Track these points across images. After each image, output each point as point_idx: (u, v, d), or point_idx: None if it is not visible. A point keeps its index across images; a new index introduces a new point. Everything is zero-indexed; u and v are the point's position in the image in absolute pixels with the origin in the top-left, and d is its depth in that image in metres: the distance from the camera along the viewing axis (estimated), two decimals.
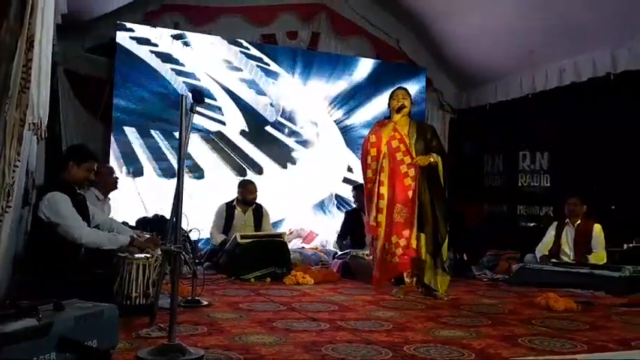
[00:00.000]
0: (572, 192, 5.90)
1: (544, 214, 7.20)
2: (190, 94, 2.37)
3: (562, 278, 5.07)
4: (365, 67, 7.76)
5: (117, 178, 4.88)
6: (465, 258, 6.20)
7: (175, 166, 5.99)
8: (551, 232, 5.87)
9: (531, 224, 7.27)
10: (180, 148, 2.32)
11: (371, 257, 4.78)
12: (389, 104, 4.59)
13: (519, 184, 7.48)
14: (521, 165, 7.46)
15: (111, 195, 4.97)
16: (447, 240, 4.36)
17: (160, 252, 3.27)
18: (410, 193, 4.28)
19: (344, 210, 7.29)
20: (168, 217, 4.18)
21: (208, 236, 5.84)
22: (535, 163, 7.38)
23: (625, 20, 5.72)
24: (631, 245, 5.73)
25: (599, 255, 5.46)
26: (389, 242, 4.27)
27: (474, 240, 6.73)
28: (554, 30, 6.33)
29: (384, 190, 4.31)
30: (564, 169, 6.96)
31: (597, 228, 5.59)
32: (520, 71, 7.34)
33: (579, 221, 5.69)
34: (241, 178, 6.40)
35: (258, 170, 7.07)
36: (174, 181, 2.46)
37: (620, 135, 6.02)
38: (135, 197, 6.24)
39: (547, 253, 5.71)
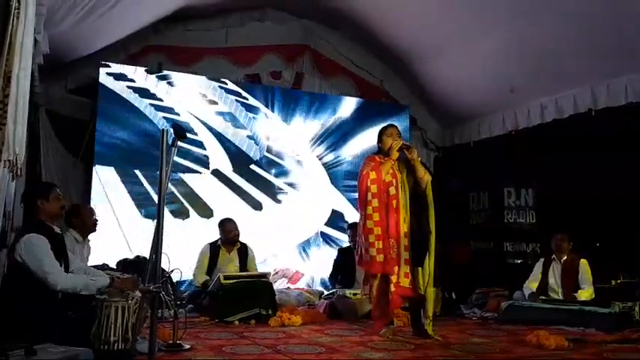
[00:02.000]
0: (558, 228, 5.90)
1: (531, 250, 7.18)
2: (172, 130, 2.32)
3: (552, 315, 5.02)
4: (349, 105, 7.81)
5: (96, 220, 4.76)
6: (454, 296, 6.13)
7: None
8: (538, 269, 5.84)
9: (518, 261, 7.23)
10: (160, 184, 2.25)
11: (366, 296, 4.70)
12: (381, 140, 4.57)
13: (505, 221, 7.47)
14: (507, 201, 7.47)
15: (91, 236, 4.84)
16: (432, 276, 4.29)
17: (139, 294, 3.16)
18: (400, 228, 4.25)
19: (332, 247, 7.23)
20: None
21: (191, 277, 5.70)
22: (520, 199, 7.39)
23: (603, 57, 5.83)
24: (619, 281, 5.70)
25: (587, 291, 5.41)
26: (386, 280, 4.21)
27: (462, 278, 6.66)
28: (535, 68, 6.43)
29: (378, 226, 4.26)
30: (549, 205, 6.98)
31: (583, 263, 5.58)
32: (502, 109, 7.43)
33: (565, 257, 5.68)
34: (221, 218, 6.27)
35: (256, 207, 7.00)
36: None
37: (602, 170, 6.07)
38: (116, 239, 6.09)
39: (535, 290, 5.66)
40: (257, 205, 7.09)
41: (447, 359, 3.33)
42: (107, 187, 6.28)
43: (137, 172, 6.45)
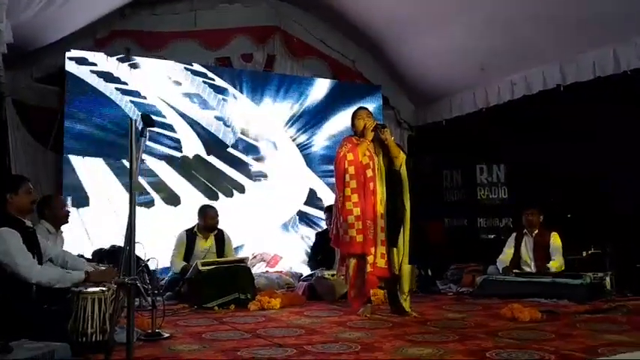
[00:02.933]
0: (529, 202, 6.01)
1: (504, 226, 7.31)
2: (141, 118, 2.29)
3: (525, 288, 5.13)
4: (321, 87, 7.78)
5: (68, 211, 4.67)
6: (430, 273, 6.22)
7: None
8: (510, 243, 5.95)
9: (492, 236, 7.36)
10: (130, 174, 2.23)
11: (341, 277, 4.74)
12: (353, 124, 4.60)
13: (478, 197, 7.57)
14: (479, 178, 7.57)
15: (65, 227, 4.77)
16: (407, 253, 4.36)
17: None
18: (377, 209, 4.29)
19: (310, 229, 7.27)
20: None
21: (168, 265, 5.67)
22: (492, 175, 7.50)
23: (571, 33, 5.90)
24: (589, 252, 5.84)
25: (557, 262, 5.55)
26: (364, 260, 4.25)
27: (437, 255, 6.75)
28: (504, 45, 6.49)
29: (357, 207, 4.29)
30: (520, 181, 7.10)
31: (554, 236, 5.70)
32: (473, 86, 7.50)
33: (537, 231, 5.80)
34: (201, 204, 6.23)
35: (214, 196, 6.93)
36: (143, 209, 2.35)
37: (571, 145, 6.18)
38: (89, 229, 6.02)
39: (509, 264, 5.77)
40: (232, 190, 7.06)
41: (424, 336, 3.38)
42: (79, 177, 6.19)
43: (103, 160, 6.35)
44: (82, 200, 6.19)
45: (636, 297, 4.87)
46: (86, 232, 6.05)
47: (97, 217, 6.18)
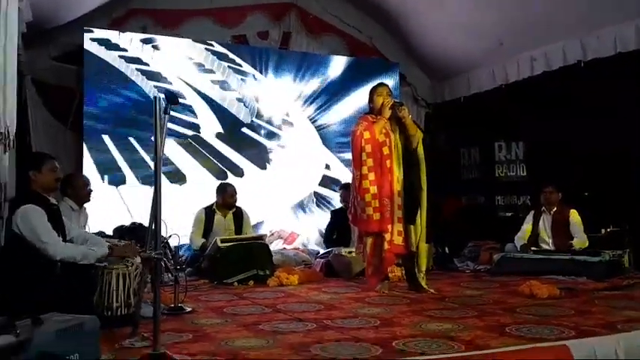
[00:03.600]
0: (548, 180, 5.97)
1: (522, 203, 7.27)
2: (164, 96, 2.31)
3: (543, 266, 5.13)
4: (338, 64, 7.74)
5: (91, 190, 4.73)
6: (447, 251, 6.23)
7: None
8: (528, 221, 5.94)
9: (509, 214, 7.33)
10: (156, 152, 2.26)
11: (359, 254, 4.78)
12: (372, 100, 4.57)
13: (496, 175, 7.52)
14: (498, 156, 7.50)
15: (88, 204, 4.85)
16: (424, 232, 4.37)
17: (139, 260, 3.19)
18: (394, 187, 4.30)
19: (325, 209, 7.29)
20: (146, 224, 4.11)
21: (188, 242, 5.75)
22: (511, 153, 7.44)
23: (592, 7, 5.80)
24: (608, 230, 5.81)
25: (581, 240, 5.52)
26: (381, 238, 4.27)
27: (454, 232, 6.76)
28: (523, 20, 6.38)
29: (374, 185, 4.31)
30: (539, 158, 7.04)
31: (574, 214, 5.67)
32: (492, 63, 7.40)
33: (555, 208, 5.77)
34: (220, 182, 6.29)
35: (239, 173, 6.99)
36: (152, 187, 2.38)
37: (591, 122, 6.10)
38: (113, 206, 6.11)
39: (526, 242, 5.76)
40: (250, 168, 7.09)
41: (443, 312, 3.41)
42: (99, 155, 6.26)
43: (130, 139, 6.43)
44: (111, 178, 6.31)
45: None
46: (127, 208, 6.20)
47: (126, 193, 6.29)
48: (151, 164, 6.33)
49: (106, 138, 6.33)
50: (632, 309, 3.36)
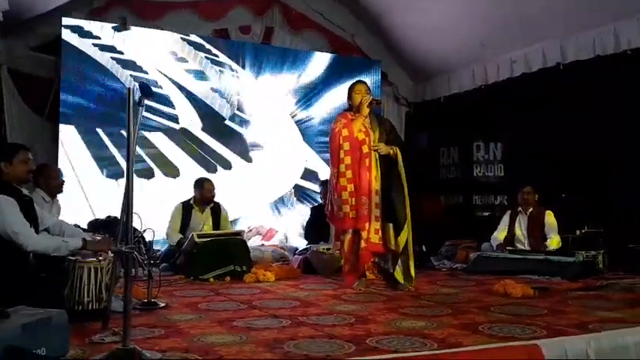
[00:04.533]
0: (525, 180, 6.02)
1: (499, 203, 7.35)
2: (139, 87, 2.28)
3: (518, 265, 5.18)
4: (320, 61, 7.73)
5: (63, 181, 4.66)
6: (424, 249, 6.26)
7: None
8: (505, 221, 6.00)
9: (486, 213, 7.40)
10: (128, 144, 2.22)
11: (336, 252, 4.77)
12: (350, 97, 4.56)
13: (474, 175, 7.58)
14: (476, 156, 7.57)
15: (61, 197, 4.77)
16: (407, 230, 4.37)
17: (112, 254, 3.15)
18: (372, 186, 4.29)
19: (306, 203, 7.29)
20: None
21: (165, 237, 5.70)
22: (489, 153, 7.50)
23: (571, 10, 5.86)
24: (583, 231, 5.88)
25: (554, 240, 5.58)
26: (358, 236, 4.26)
27: (432, 231, 6.79)
28: (504, 22, 6.44)
29: (351, 183, 4.30)
30: (517, 159, 7.11)
31: (549, 215, 5.74)
32: (473, 63, 7.45)
33: (531, 209, 5.84)
34: (198, 177, 6.22)
35: (215, 168, 6.94)
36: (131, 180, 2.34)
37: (569, 124, 6.17)
38: (89, 198, 6.02)
39: (502, 242, 5.82)
40: (228, 164, 7.05)
41: (418, 309, 3.42)
42: (74, 147, 6.17)
43: (100, 130, 6.34)
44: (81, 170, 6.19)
45: (628, 275, 4.92)
46: (87, 199, 6.11)
47: (94, 186, 6.19)
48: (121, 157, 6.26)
49: (80, 129, 6.23)
50: (605, 309, 3.41)
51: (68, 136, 6.17)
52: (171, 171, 6.71)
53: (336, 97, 7.57)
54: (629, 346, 2.55)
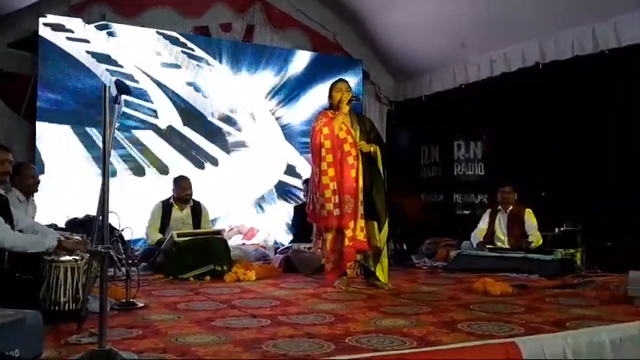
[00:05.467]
0: (505, 179, 6.08)
1: (479, 202, 7.40)
2: (115, 84, 2.24)
3: (498, 263, 5.24)
4: (302, 59, 7.71)
5: (38, 180, 4.55)
6: (405, 247, 6.29)
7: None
8: (485, 219, 6.04)
9: (467, 212, 7.44)
10: (104, 142, 2.19)
11: (318, 250, 4.76)
12: (330, 96, 4.55)
13: (455, 174, 7.63)
14: (457, 155, 7.61)
15: (38, 195, 4.68)
16: (386, 228, 4.38)
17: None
18: (355, 184, 4.28)
19: (288, 202, 7.29)
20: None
21: (144, 236, 5.64)
22: (469, 152, 7.55)
23: (551, 10, 5.92)
24: (562, 229, 5.95)
25: (536, 236, 5.65)
26: (341, 234, 4.25)
27: (413, 229, 6.82)
28: (484, 22, 6.47)
29: (334, 181, 4.29)
30: (497, 158, 7.17)
31: (529, 213, 5.80)
32: (453, 63, 7.50)
33: (511, 207, 5.88)
34: (176, 175, 6.17)
35: (202, 165, 6.91)
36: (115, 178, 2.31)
37: (549, 123, 6.24)
38: (68, 197, 5.93)
39: (482, 240, 5.86)
40: (210, 161, 7.01)
41: (397, 308, 3.43)
42: (51, 145, 6.09)
43: (78, 128, 6.26)
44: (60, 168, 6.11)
45: (605, 273, 4.98)
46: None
47: (75, 184, 6.10)
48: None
49: (58, 127, 6.14)
50: (582, 307, 3.44)
51: (45, 133, 6.07)
52: (161, 168, 6.66)
53: (318, 95, 7.54)
54: (606, 344, 2.58)
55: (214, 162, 7.03)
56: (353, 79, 7.74)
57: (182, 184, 5.69)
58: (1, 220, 3.20)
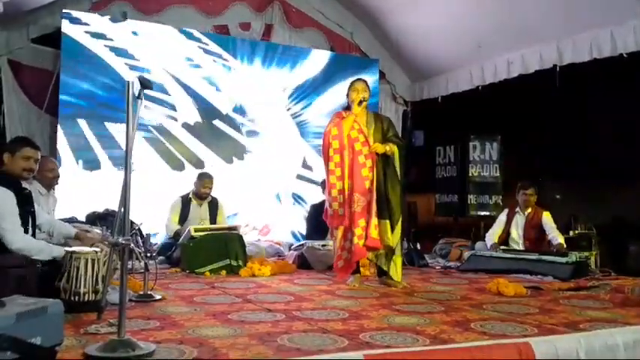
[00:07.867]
0: (527, 180, 6.00)
1: (493, 203, 7.39)
2: (138, 80, 2.29)
3: (511, 265, 5.21)
4: (319, 59, 7.74)
5: (58, 175, 4.63)
6: (418, 247, 6.30)
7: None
8: (501, 220, 5.98)
9: (481, 213, 7.43)
10: (127, 137, 2.24)
11: (331, 248, 4.79)
12: (348, 95, 4.56)
13: (470, 175, 7.62)
14: (472, 155, 7.61)
15: (59, 189, 4.77)
16: (399, 228, 4.39)
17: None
18: (367, 183, 4.29)
19: (303, 200, 7.31)
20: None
21: (161, 230, 5.72)
22: (485, 153, 7.55)
23: (569, 13, 5.89)
24: (577, 232, 5.92)
25: (560, 237, 5.56)
26: (351, 233, 4.27)
27: (427, 229, 6.84)
28: (502, 23, 6.47)
29: (343, 181, 4.31)
30: (513, 159, 7.15)
31: (547, 216, 5.73)
32: (470, 64, 7.48)
33: (530, 210, 5.81)
34: (200, 171, 6.25)
35: (208, 164, 6.96)
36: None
37: (565, 126, 6.22)
38: (88, 191, 6.02)
39: (497, 241, 5.84)
40: (226, 159, 7.07)
41: (411, 306, 3.45)
42: (73, 139, 6.18)
43: (100, 122, 6.34)
44: (86, 163, 6.24)
45: (619, 276, 4.96)
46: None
47: (96, 179, 6.20)
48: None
49: (80, 121, 6.24)
50: (595, 309, 3.44)
51: (67, 128, 6.16)
52: (176, 164, 6.75)
53: (335, 94, 7.58)
54: (619, 346, 2.59)
55: (231, 159, 7.09)
56: (369, 79, 7.70)
57: (205, 181, 5.80)
58: (16, 219, 3.23)
